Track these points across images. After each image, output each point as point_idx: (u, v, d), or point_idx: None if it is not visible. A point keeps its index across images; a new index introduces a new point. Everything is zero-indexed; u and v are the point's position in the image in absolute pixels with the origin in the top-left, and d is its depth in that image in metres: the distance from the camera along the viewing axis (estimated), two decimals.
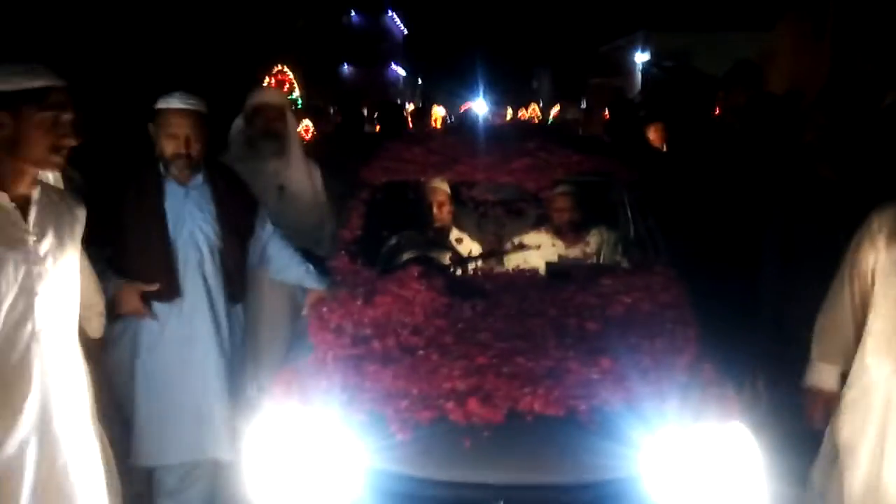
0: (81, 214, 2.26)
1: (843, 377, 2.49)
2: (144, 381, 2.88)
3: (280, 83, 8.36)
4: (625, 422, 2.15)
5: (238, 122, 3.66)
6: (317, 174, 3.78)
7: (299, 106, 8.04)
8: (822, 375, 2.52)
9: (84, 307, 2.32)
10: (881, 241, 2.34)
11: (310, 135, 7.02)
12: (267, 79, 8.21)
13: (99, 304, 2.52)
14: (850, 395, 2.41)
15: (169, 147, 2.84)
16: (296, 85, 8.43)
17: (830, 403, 2.49)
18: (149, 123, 2.89)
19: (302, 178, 3.65)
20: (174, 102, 2.84)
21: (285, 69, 8.35)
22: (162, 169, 2.89)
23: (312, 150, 4.69)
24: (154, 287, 2.80)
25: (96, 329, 2.52)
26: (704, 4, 22.22)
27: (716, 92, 4.27)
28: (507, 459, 2.13)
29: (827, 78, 10.68)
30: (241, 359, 3.07)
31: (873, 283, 2.38)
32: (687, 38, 22.36)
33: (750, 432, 2.17)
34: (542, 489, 2.09)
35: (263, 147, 3.51)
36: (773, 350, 3.00)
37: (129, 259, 2.81)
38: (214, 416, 2.91)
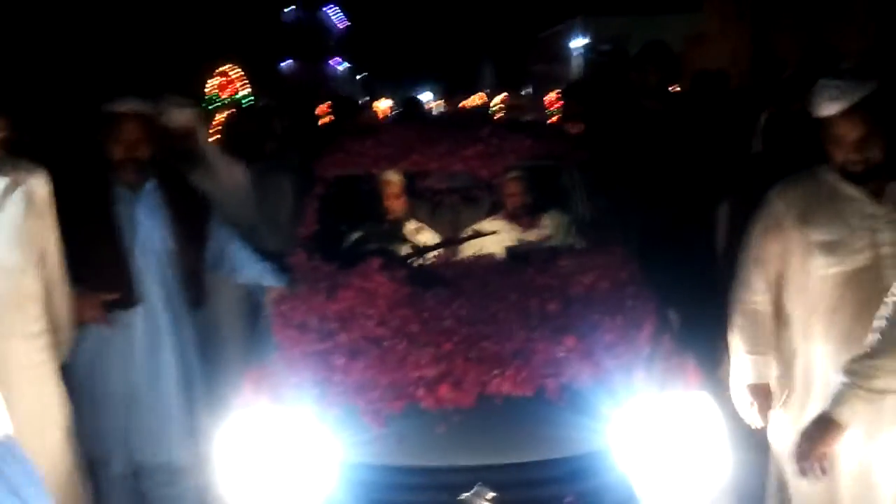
0: None
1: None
2: (104, 388, 2.81)
3: (229, 81, 8.19)
4: (593, 396, 2.21)
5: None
6: (239, 171, 3.72)
7: (250, 103, 7.87)
8: (755, 368, 2.34)
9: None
10: (790, 223, 2.22)
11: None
12: (214, 77, 8.03)
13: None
14: (778, 385, 2.32)
15: (117, 152, 2.78)
16: (243, 84, 8.26)
17: (767, 396, 2.34)
18: (96, 128, 2.81)
19: (225, 180, 3.58)
20: (120, 106, 2.79)
21: (233, 67, 8.18)
22: (111, 175, 2.82)
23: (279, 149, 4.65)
24: (114, 296, 2.73)
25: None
26: None
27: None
28: (480, 442, 2.16)
29: (749, 59, 11.01)
30: (200, 364, 3.01)
31: (786, 267, 2.27)
32: (623, 23, 22.72)
33: (712, 400, 2.24)
34: (517, 468, 2.12)
35: (177, 166, 3.33)
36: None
37: (82, 267, 2.73)
38: (173, 420, 2.87)
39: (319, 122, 7.44)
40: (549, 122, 6.09)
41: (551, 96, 10.06)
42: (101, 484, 2.89)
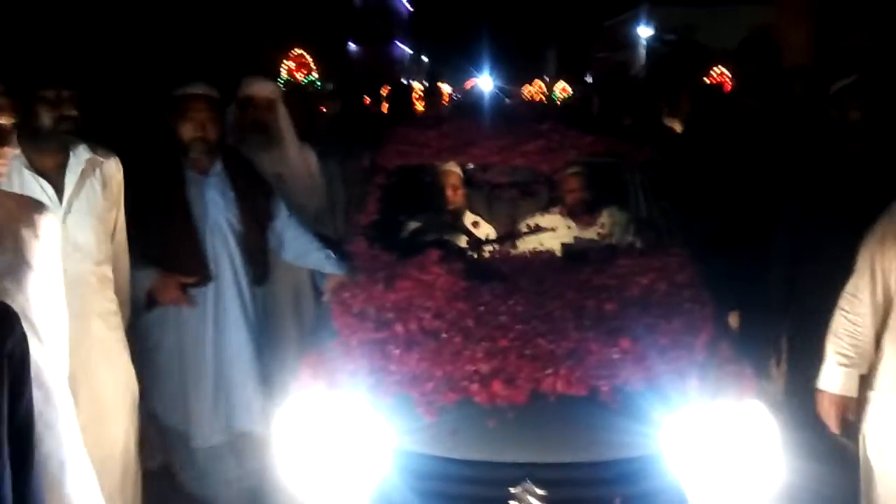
0: None
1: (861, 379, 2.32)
2: (177, 362, 2.93)
3: (299, 65, 8.26)
4: (646, 401, 2.17)
5: (231, 110, 3.59)
6: (312, 159, 3.77)
7: (318, 87, 7.95)
8: (842, 380, 2.31)
9: None
10: None
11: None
12: (285, 62, 8.11)
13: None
14: (877, 399, 2.23)
15: (187, 132, 2.89)
16: (313, 67, 8.32)
17: (849, 408, 2.33)
18: (167, 114, 2.91)
19: (298, 166, 3.64)
20: (189, 88, 2.91)
21: (302, 52, 8.25)
22: (182, 159, 2.91)
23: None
24: (192, 280, 2.84)
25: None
26: None
27: (716, 66, 4.15)
28: (531, 439, 2.16)
29: (813, 53, 10.55)
30: (266, 339, 3.12)
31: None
32: (689, 13, 22.11)
33: (767, 409, 2.19)
34: (566, 467, 2.12)
35: (252, 139, 3.46)
36: (788, 327, 2.96)
37: (159, 249, 2.85)
38: (247, 391, 2.98)
39: (378, 108, 7.48)
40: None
41: None
42: (181, 459, 3.01)
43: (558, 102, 10.32)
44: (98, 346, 2.42)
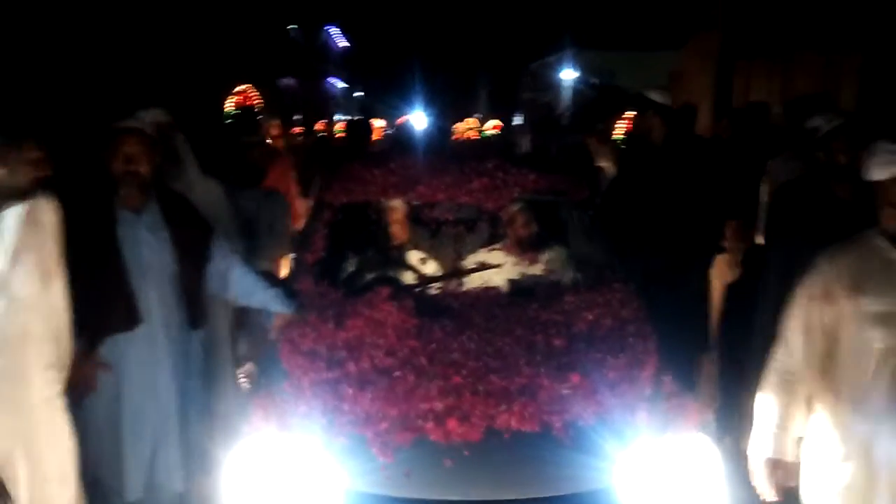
0: None
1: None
2: (111, 413, 2.74)
3: (244, 99, 8.15)
4: (597, 435, 2.18)
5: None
6: (219, 191, 3.59)
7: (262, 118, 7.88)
8: (776, 444, 2.16)
9: None
10: (841, 293, 2.05)
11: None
12: (230, 98, 7.99)
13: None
14: (826, 461, 2.12)
15: (117, 166, 2.74)
16: (257, 101, 8.23)
17: (790, 473, 2.18)
18: (100, 150, 2.77)
19: (204, 195, 3.40)
20: (123, 122, 2.78)
21: (246, 86, 8.17)
22: (114, 197, 2.77)
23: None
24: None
25: None
26: (625, 25, 22.84)
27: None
28: (486, 476, 2.13)
29: (716, 96, 11.07)
30: (198, 387, 2.94)
31: (839, 338, 2.08)
32: (608, 57, 22.99)
33: (711, 442, 2.22)
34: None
35: (165, 170, 3.20)
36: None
37: (85, 289, 2.67)
38: (166, 443, 2.79)
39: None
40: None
41: None
42: None
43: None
44: (41, 407, 2.24)
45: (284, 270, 3.83)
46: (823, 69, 10.00)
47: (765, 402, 2.20)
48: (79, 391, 2.61)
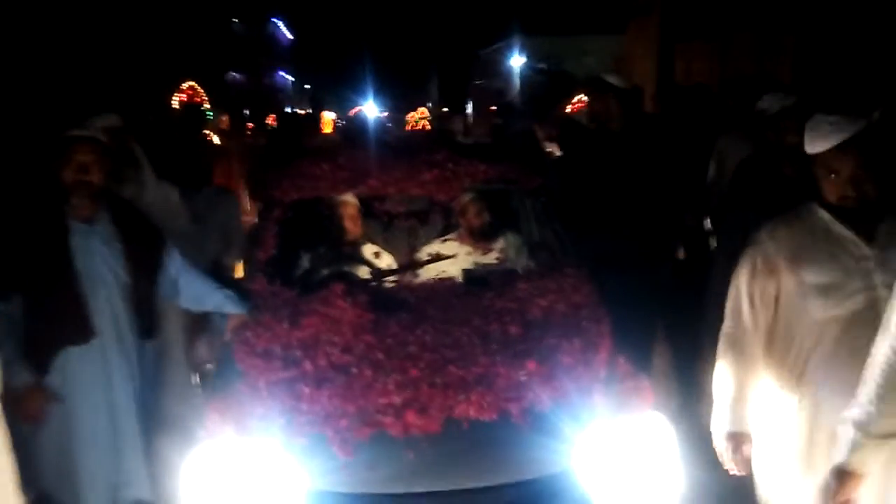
0: None
1: None
2: (56, 428, 2.65)
3: (190, 97, 7.94)
4: (555, 419, 2.20)
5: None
6: (174, 195, 3.54)
7: (209, 117, 7.68)
8: (733, 417, 2.20)
9: None
10: (782, 265, 2.09)
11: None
12: (176, 96, 7.78)
13: None
14: (773, 430, 2.17)
15: (68, 175, 2.65)
16: (203, 98, 8.02)
17: (745, 445, 2.21)
18: (51, 159, 2.67)
19: (159, 199, 3.40)
20: (74, 130, 2.68)
21: (192, 84, 7.96)
22: (65, 207, 2.68)
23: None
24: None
25: None
26: (569, 10, 23.01)
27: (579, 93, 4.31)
28: (447, 467, 2.13)
29: (657, 77, 11.27)
30: (154, 395, 2.89)
31: (777, 309, 2.13)
32: (556, 42, 23.17)
33: (666, 421, 2.26)
34: (484, 491, 2.10)
35: (119, 173, 3.16)
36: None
37: (37, 302, 2.59)
38: (128, 455, 2.73)
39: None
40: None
41: None
42: None
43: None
44: None
45: (240, 271, 3.77)
46: (760, 49, 10.23)
47: (720, 376, 2.23)
48: (28, 422, 2.54)
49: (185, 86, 7.95)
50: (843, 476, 1.78)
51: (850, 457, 1.77)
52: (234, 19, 26.08)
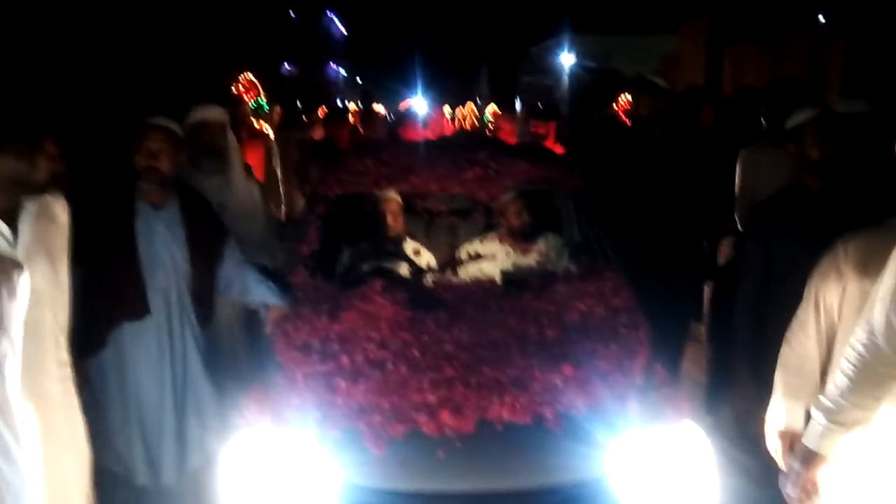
0: None
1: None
2: (109, 399, 2.77)
3: (247, 89, 8.06)
4: (589, 425, 2.16)
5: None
6: (256, 190, 3.65)
7: (265, 109, 7.80)
8: (790, 415, 2.19)
9: None
10: (849, 272, 2.04)
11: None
12: (234, 87, 7.92)
13: None
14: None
15: (139, 161, 2.76)
16: (260, 90, 8.13)
17: (797, 443, 2.12)
18: (124, 140, 2.77)
19: (243, 195, 3.52)
20: (150, 120, 2.81)
21: (249, 76, 8.07)
22: (135, 191, 2.79)
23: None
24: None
25: None
26: (621, 9, 22.63)
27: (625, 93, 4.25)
28: (479, 468, 2.11)
29: (707, 79, 10.93)
30: (200, 382, 2.93)
31: (840, 317, 2.09)
32: (605, 40, 22.82)
33: (702, 431, 2.19)
34: (515, 495, 2.07)
35: (205, 164, 3.37)
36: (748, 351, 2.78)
37: (97, 276, 2.68)
38: (165, 439, 2.81)
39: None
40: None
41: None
42: (123, 499, 2.81)
43: (490, 126, 10.28)
44: (58, 400, 2.21)
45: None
46: (811, 52, 9.88)
47: (779, 372, 2.22)
48: None
49: (243, 78, 8.06)
50: (809, 459, 1.88)
51: (818, 441, 1.86)
52: (290, 12, 26.38)
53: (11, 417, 1.78)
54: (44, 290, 2.23)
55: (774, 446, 2.21)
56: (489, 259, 3.13)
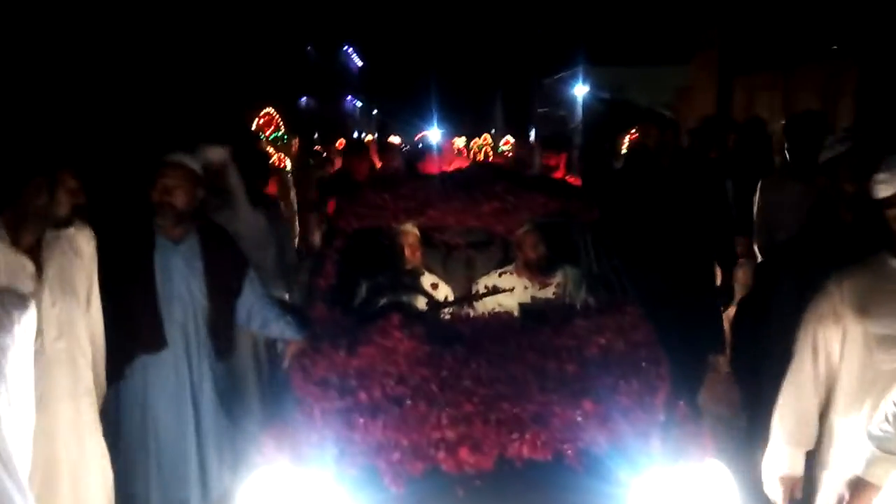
0: None
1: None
2: (134, 432, 2.77)
3: (267, 123, 8.22)
4: (611, 462, 2.11)
5: None
6: (263, 220, 3.67)
7: (284, 141, 7.96)
8: (790, 461, 2.20)
9: None
10: (848, 314, 2.06)
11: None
12: (255, 121, 8.09)
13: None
14: (827, 478, 2.16)
15: (155, 196, 2.79)
16: (281, 124, 8.27)
17: (796, 487, 2.23)
18: (145, 175, 2.81)
19: (251, 227, 3.55)
20: (168, 156, 2.83)
21: (271, 110, 8.23)
22: (156, 226, 2.82)
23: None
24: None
25: None
26: (633, 41, 22.79)
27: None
28: None
29: (719, 109, 10.95)
30: (219, 416, 2.92)
31: (842, 358, 2.10)
32: (619, 72, 22.97)
33: (727, 470, 2.13)
34: None
35: (210, 202, 3.37)
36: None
37: (116, 309, 2.71)
38: (188, 471, 2.80)
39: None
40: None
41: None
42: None
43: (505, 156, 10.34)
44: (83, 431, 2.21)
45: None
46: (823, 81, 9.86)
47: (778, 419, 2.21)
48: None
49: (263, 111, 8.22)
50: (858, 487, 1.87)
51: (867, 469, 1.86)
52: (307, 46, 26.84)
53: (12, 465, 1.72)
54: (66, 322, 2.25)
55: (775, 491, 2.20)
56: (507, 293, 3.10)
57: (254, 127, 8.18)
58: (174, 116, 8.80)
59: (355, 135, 23.03)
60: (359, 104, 42.38)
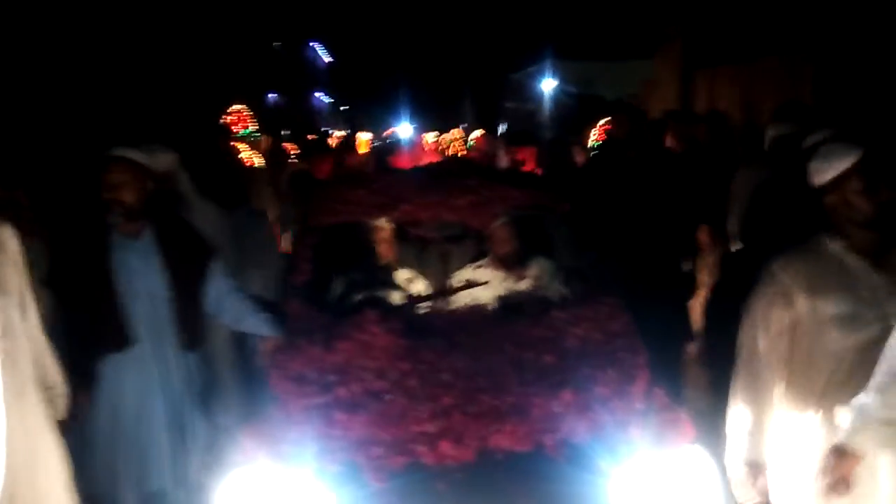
0: None
1: None
2: (102, 431, 2.72)
3: (237, 119, 8.10)
4: (591, 452, 2.11)
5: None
6: (212, 214, 3.54)
7: (255, 138, 7.83)
8: (751, 444, 2.21)
9: None
10: (799, 295, 2.09)
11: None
12: (225, 117, 7.96)
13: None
14: (792, 459, 2.18)
15: (105, 194, 2.73)
16: (250, 120, 8.16)
17: (761, 472, 2.22)
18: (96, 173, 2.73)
19: (209, 225, 3.41)
20: (112, 151, 2.75)
21: (240, 107, 8.11)
22: (110, 222, 2.75)
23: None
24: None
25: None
26: (599, 36, 22.98)
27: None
28: (481, 498, 2.07)
29: (684, 103, 11.08)
30: (194, 410, 2.87)
31: (795, 338, 2.14)
32: (586, 67, 23.14)
33: (708, 454, 2.15)
34: None
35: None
36: None
37: (79, 310, 2.66)
38: (160, 466, 2.75)
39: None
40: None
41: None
42: None
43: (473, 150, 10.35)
44: (14, 429, 2.13)
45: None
46: (781, 75, 10.01)
47: (735, 406, 2.24)
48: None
49: (234, 109, 8.09)
50: (841, 455, 1.92)
51: (850, 438, 1.91)
52: (274, 43, 26.51)
53: None
54: (1, 321, 2.16)
55: (738, 475, 2.22)
56: (483, 286, 3.09)
57: (222, 123, 8.09)
58: (140, 114, 8.64)
59: (322, 131, 22.87)
60: (327, 100, 42.03)
